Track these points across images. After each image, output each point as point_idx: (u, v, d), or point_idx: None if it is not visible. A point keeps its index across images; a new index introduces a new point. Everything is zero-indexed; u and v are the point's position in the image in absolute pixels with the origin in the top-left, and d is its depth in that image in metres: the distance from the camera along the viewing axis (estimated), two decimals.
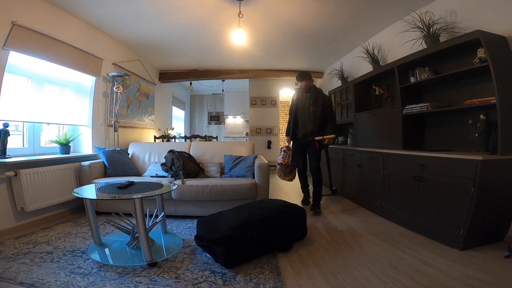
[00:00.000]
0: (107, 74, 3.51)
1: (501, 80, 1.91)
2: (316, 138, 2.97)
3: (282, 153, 3.25)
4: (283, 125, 8.45)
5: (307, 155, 3.15)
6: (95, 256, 1.81)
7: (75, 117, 3.20)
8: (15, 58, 2.38)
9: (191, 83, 6.53)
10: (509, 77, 1.96)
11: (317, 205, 2.97)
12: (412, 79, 2.69)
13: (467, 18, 2.33)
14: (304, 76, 3.01)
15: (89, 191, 1.95)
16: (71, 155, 2.96)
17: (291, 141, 3.24)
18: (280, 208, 2.14)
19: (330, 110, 3.07)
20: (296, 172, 3.31)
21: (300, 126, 3.10)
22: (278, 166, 3.28)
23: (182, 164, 2.82)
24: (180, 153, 2.98)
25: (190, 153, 3.26)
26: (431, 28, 2.49)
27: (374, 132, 3.34)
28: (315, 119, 2.96)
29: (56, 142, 2.89)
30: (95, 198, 1.97)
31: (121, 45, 3.97)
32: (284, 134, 3.45)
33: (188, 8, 2.90)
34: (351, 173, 3.50)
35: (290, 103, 3.26)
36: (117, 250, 1.95)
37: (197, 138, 5.04)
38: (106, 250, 1.95)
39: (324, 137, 2.94)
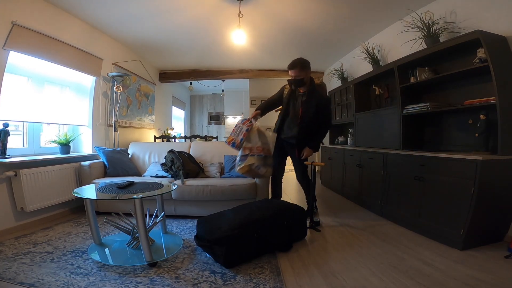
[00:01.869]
0: (107, 74, 3.51)
1: (501, 80, 1.91)
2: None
3: (243, 123, 2.35)
4: None
5: (293, 164, 2.66)
6: (95, 256, 1.81)
7: (75, 117, 3.20)
8: (15, 58, 2.38)
9: (191, 83, 6.54)
10: (509, 77, 1.96)
11: (313, 218, 2.52)
12: (412, 79, 2.69)
13: (467, 18, 2.33)
14: (294, 63, 2.30)
15: (89, 191, 1.95)
16: (71, 155, 2.96)
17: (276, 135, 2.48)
18: (280, 208, 2.14)
19: (325, 117, 2.49)
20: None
21: (285, 126, 2.54)
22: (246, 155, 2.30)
23: (182, 164, 2.82)
24: (180, 153, 2.98)
25: (190, 153, 3.26)
26: (431, 28, 2.49)
27: (374, 132, 3.34)
28: (302, 124, 2.45)
29: (56, 142, 2.89)
30: (95, 198, 1.97)
31: (121, 45, 3.97)
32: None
33: (188, 8, 2.90)
34: (351, 173, 3.50)
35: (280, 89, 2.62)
36: (117, 250, 1.95)
37: (197, 138, 5.04)
38: (106, 250, 1.95)
39: (302, 151, 2.48)
